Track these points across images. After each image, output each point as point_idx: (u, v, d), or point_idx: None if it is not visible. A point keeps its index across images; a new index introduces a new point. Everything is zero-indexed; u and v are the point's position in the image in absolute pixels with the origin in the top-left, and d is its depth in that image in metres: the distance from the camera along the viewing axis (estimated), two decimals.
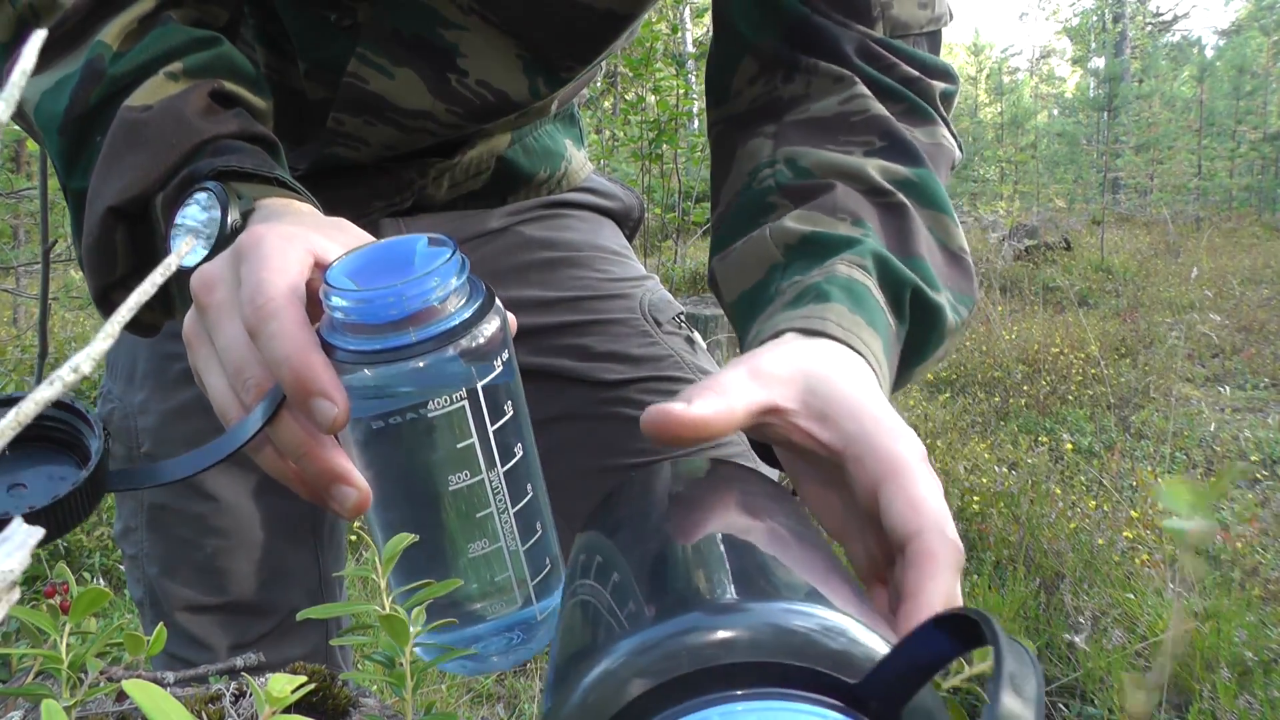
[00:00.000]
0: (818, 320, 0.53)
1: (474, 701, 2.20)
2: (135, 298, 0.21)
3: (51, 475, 0.43)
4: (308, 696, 0.57)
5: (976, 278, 0.66)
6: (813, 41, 0.71)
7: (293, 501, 0.92)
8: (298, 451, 0.44)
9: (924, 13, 0.73)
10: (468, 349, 0.42)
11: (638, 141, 4.47)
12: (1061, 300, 7.28)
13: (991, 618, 0.21)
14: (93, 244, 0.57)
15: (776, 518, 0.35)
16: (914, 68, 0.71)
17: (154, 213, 0.56)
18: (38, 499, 0.41)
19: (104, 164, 0.56)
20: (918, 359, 0.61)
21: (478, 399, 0.42)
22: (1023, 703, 0.20)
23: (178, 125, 0.56)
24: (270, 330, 0.42)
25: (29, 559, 0.22)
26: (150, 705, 0.30)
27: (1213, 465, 3.80)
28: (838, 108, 0.69)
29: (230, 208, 0.51)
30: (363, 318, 0.41)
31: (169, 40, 0.59)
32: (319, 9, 0.74)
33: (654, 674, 0.22)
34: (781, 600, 0.24)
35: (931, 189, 0.65)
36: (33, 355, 3.83)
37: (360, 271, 0.43)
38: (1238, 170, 16.72)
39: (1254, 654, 2.07)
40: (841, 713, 0.21)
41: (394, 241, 0.44)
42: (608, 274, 0.94)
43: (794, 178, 0.66)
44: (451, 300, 0.42)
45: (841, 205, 0.62)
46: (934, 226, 0.64)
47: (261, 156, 0.56)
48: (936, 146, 0.69)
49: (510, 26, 0.76)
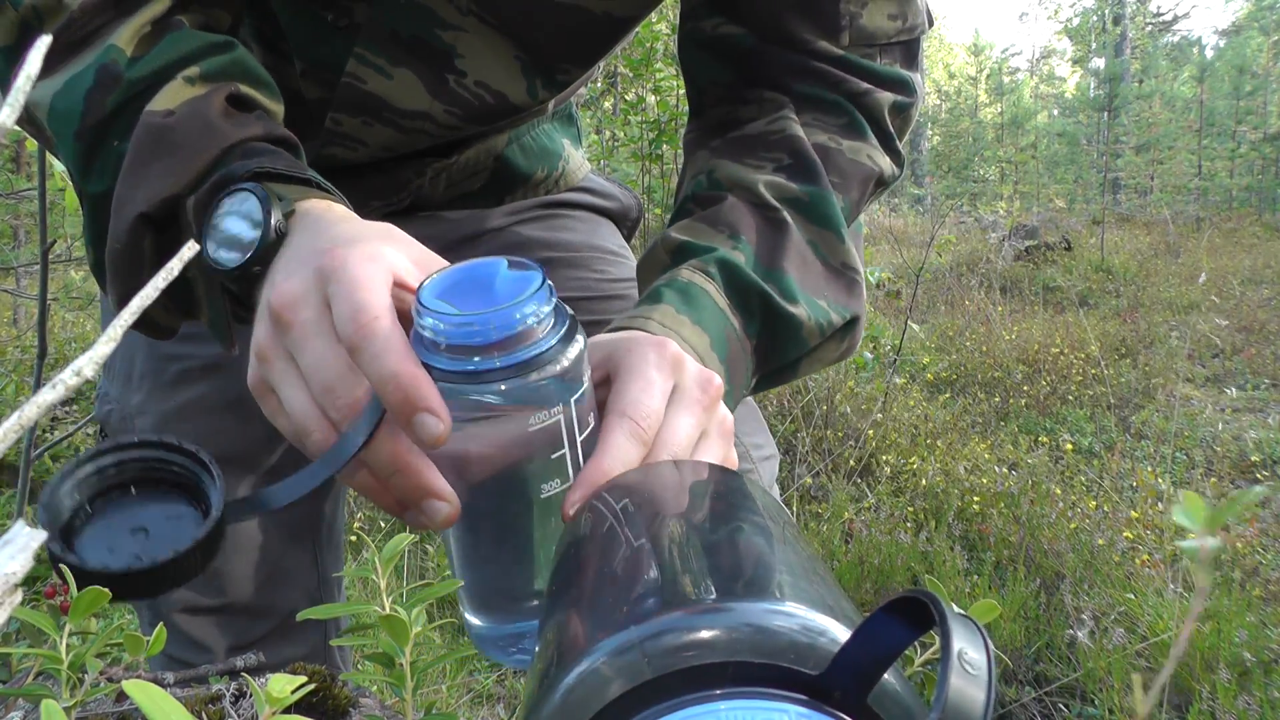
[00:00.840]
0: (641, 319, 0.61)
1: (474, 702, 2.20)
2: (137, 302, 0.21)
3: (169, 515, 0.44)
4: (308, 697, 0.57)
5: (864, 293, 0.73)
6: (758, 74, 0.77)
7: (293, 501, 0.92)
8: (392, 467, 0.45)
9: (894, 23, 0.75)
10: (562, 369, 0.44)
11: (638, 142, 4.46)
12: (1062, 300, 7.28)
13: (939, 597, 0.21)
14: (120, 249, 0.57)
15: (752, 516, 0.35)
16: (865, 81, 0.76)
17: (184, 217, 0.56)
18: (160, 544, 0.41)
19: (130, 171, 0.56)
20: (779, 357, 0.68)
21: (570, 413, 0.46)
22: (973, 681, 0.20)
23: (204, 130, 0.56)
24: (375, 349, 0.43)
25: (31, 562, 0.22)
26: (150, 705, 0.30)
27: (1213, 465, 3.80)
28: (763, 127, 0.75)
29: (273, 209, 0.51)
30: (465, 340, 0.43)
31: (185, 45, 0.59)
32: (315, 8, 0.74)
33: (630, 675, 0.22)
34: (751, 599, 0.24)
35: (821, 208, 0.71)
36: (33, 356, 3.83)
37: (450, 293, 0.45)
38: (1238, 170, 16.72)
39: (1254, 654, 2.07)
40: (806, 706, 0.22)
41: (478, 264, 0.46)
42: (605, 274, 0.94)
43: (707, 188, 0.73)
44: (545, 324, 0.44)
45: (725, 218, 0.69)
46: (818, 242, 0.71)
47: (289, 159, 0.57)
48: (855, 164, 0.75)
49: (508, 28, 0.76)
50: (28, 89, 0.23)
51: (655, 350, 0.51)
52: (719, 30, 0.77)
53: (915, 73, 0.79)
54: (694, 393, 0.50)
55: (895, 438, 3.72)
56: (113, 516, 0.42)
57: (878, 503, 3.20)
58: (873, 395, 4.05)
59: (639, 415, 0.47)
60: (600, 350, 0.53)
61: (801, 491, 3.34)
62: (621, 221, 1.04)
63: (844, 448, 3.63)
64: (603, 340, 0.54)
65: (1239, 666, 2.05)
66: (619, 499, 0.39)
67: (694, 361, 0.52)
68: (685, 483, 0.41)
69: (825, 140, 0.75)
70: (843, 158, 0.74)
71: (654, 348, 0.51)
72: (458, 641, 2.42)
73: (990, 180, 19.55)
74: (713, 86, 0.81)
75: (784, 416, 3.80)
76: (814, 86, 0.76)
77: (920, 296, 6.99)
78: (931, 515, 3.06)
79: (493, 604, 0.50)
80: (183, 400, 0.86)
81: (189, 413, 0.86)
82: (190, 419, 0.86)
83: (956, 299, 7.26)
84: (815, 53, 0.75)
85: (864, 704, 0.22)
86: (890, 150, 0.78)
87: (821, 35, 0.74)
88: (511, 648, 0.50)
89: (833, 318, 0.70)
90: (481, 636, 0.51)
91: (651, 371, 0.49)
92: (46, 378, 2.06)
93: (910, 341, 5.34)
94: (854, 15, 0.74)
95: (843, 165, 0.74)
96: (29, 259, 4.55)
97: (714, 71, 0.80)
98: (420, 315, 0.43)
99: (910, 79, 0.78)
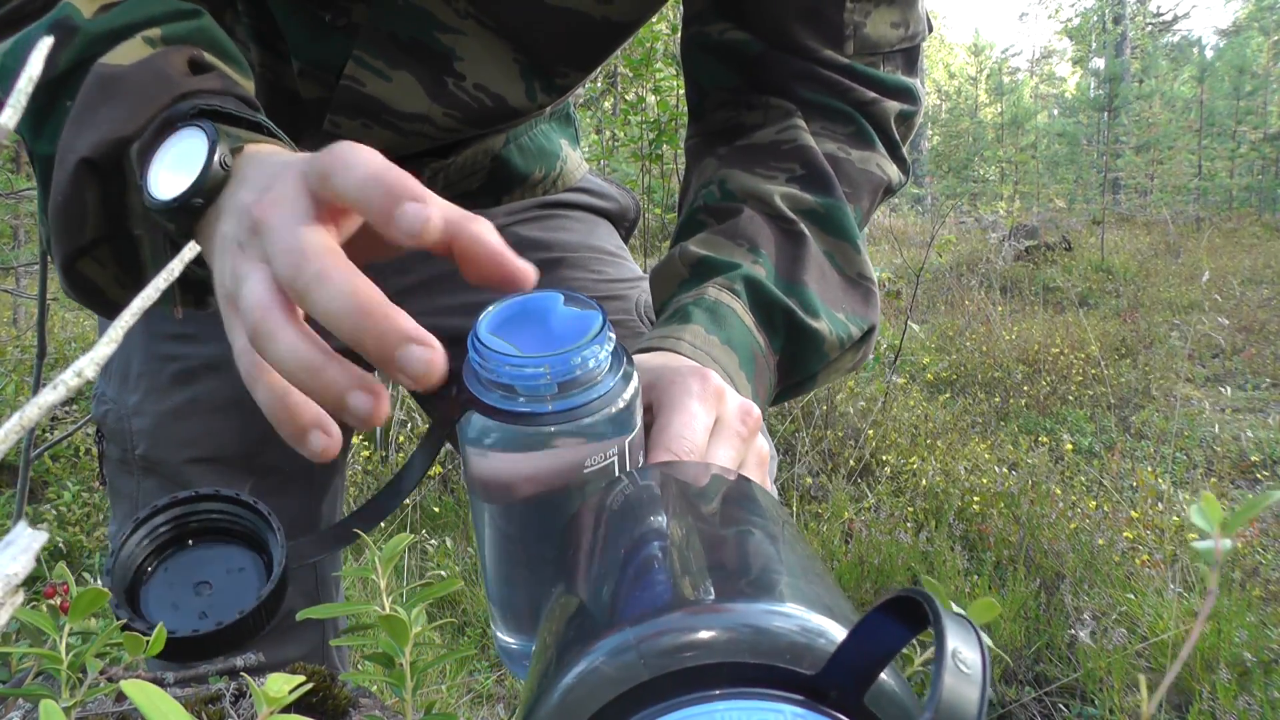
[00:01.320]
0: (673, 340, 0.61)
1: (474, 702, 2.20)
2: (139, 303, 0.21)
3: (230, 567, 0.44)
4: (307, 697, 0.57)
5: (879, 301, 0.74)
6: (764, 80, 0.77)
7: (289, 501, 0.92)
8: (355, 308, 0.38)
9: (897, 31, 0.76)
10: (619, 411, 0.44)
11: (638, 142, 4.46)
12: (1062, 300, 7.27)
13: (934, 596, 0.21)
14: (62, 203, 0.53)
15: (751, 517, 0.35)
16: (872, 90, 0.76)
17: (128, 164, 0.52)
18: (225, 600, 0.41)
19: (76, 119, 0.52)
20: (800, 371, 0.69)
21: (625, 451, 0.46)
22: (967, 680, 0.20)
23: (157, 79, 0.52)
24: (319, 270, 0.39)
25: (33, 563, 0.22)
26: (149, 706, 0.30)
27: (1213, 465, 3.80)
28: (774, 136, 0.75)
29: (220, 142, 0.48)
30: (523, 383, 0.42)
31: (149, 8, 0.56)
32: (313, 7, 0.74)
33: (627, 676, 0.22)
34: (748, 600, 0.24)
35: (837, 219, 0.72)
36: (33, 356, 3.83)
37: (506, 328, 0.44)
38: (1238, 170, 16.71)
39: (1254, 654, 2.07)
40: (802, 706, 0.22)
41: (533, 298, 0.45)
42: (603, 275, 0.94)
43: (720, 199, 0.73)
44: (603, 367, 0.44)
45: (743, 230, 0.69)
46: (835, 253, 0.71)
47: (239, 104, 0.53)
48: (865, 173, 0.75)
49: (506, 31, 0.76)
50: (29, 90, 0.23)
51: (699, 383, 0.51)
52: (726, 35, 0.77)
53: (916, 79, 0.79)
54: (734, 425, 0.51)
55: (895, 438, 3.72)
56: (175, 573, 0.42)
57: (878, 503, 3.20)
58: (873, 395, 4.05)
59: (683, 451, 0.47)
60: (643, 376, 0.53)
61: (801, 491, 3.34)
62: (619, 222, 1.04)
63: (844, 448, 3.63)
64: (644, 366, 0.54)
65: (1239, 666, 2.06)
66: (618, 502, 0.39)
67: (734, 393, 0.53)
68: (686, 484, 0.41)
69: (835, 150, 0.75)
70: (853, 167, 0.75)
71: (697, 380, 0.51)
72: (458, 641, 2.42)
73: (990, 180, 19.55)
74: (716, 90, 0.81)
75: (784, 416, 3.80)
76: (821, 94, 0.76)
77: (920, 296, 6.99)
78: (931, 515, 3.06)
79: (525, 625, 0.50)
80: (180, 400, 0.86)
81: (186, 412, 0.86)
82: (187, 419, 0.86)
83: (956, 299, 7.26)
84: (822, 60, 0.75)
85: (861, 704, 0.22)
86: (897, 158, 0.79)
87: (826, 44, 0.75)
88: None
89: (852, 330, 0.70)
90: (510, 653, 0.51)
91: (694, 405, 0.50)
92: (46, 378, 2.06)
93: (910, 341, 5.34)
94: (858, 25, 0.74)
95: (853, 175, 0.75)
96: (29, 259, 4.55)
97: (719, 75, 0.80)
98: (476, 351, 0.42)
99: (914, 87, 0.78)
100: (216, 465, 0.87)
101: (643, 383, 0.52)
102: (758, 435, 0.53)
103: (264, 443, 0.88)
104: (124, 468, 0.88)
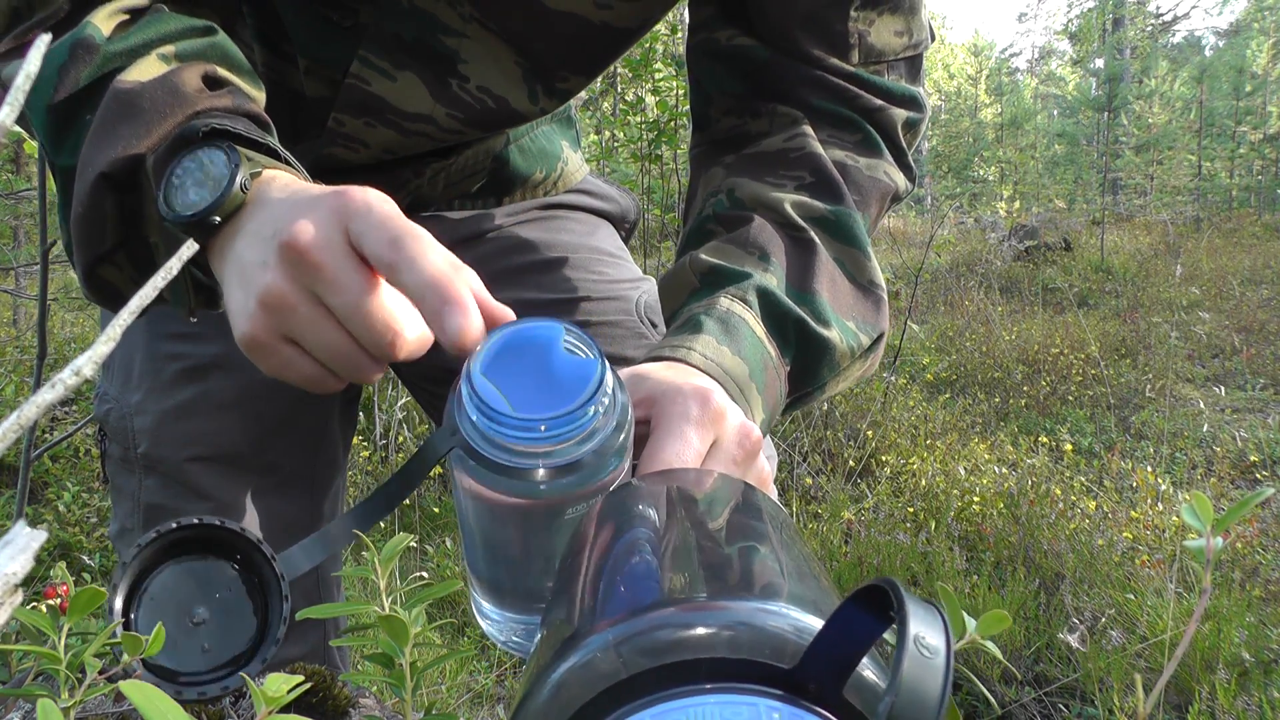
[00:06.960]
0: (684, 350, 0.61)
1: (474, 702, 2.20)
2: (136, 302, 0.21)
3: (222, 597, 0.44)
4: (307, 697, 0.57)
5: (888, 307, 0.74)
6: (770, 88, 0.77)
7: (289, 501, 0.92)
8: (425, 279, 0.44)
9: (901, 40, 0.76)
10: (611, 455, 0.44)
11: (637, 142, 4.46)
12: (1061, 301, 7.28)
13: (898, 583, 0.21)
14: (82, 213, 0.56)
15: (741, 514, 0.35)
16: (878, 97, 0.76)
17: (144, 177, 0.55)
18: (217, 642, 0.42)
19: (95, 135, 0.55)
20: (811, 380, 0.69)
21: (608, 483, 0.46)
22: (927, 665, 0.20)
23: (172, 96, 0.55)
24: (415, 251, 0.45)
25: (32, 562, 0.22)
26: (147, 706, 0.30)
27: (1213, 465, 3.80)
28: (781, 144, 0.75)
29: (241, 165, 0.51)
30: (516, 441, 0.42)
31: (164, 25, 0.59)
32: (320, 7, 0.75)
33: (608, 673, 0.23)
34: (729, 597, 0.25)
35: (847, 226, 0.72)
36: (32, 356, 3.83)
37: (501, 364, 0.43)
38: (1237, 171, 16.72)
39: (1253, 654, 2.07)
40: (779, 700, 0.22)
41: (532, 330, 0.44)
42: (603, 276, 0.94)
43: (729, 207, 0.73)
44: (599, 423, 0.43)
45: (754, 239, 0.69)
46: (845, 260, 0.72)
47: (251, 125, 0.56)
48: (873, 181, 0.75)
49: (508, 35, 0.76)
50: (27, 88, 0.23)
51: (698, 406, 0.51)
52: (733, 42, 0.77)
53: (920, 87, 0.79)
54: (732, 449, 0.51)
55: (895, 438, 3.72)
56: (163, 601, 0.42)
57: (877, 503, 3.20)
58: (872, 395, 4.06)
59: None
60: (643, 388, 0.53)
61: (801, 491, 3.34)
62: (620, 223, 1.04)
63: (844, 448, 3.63)
64: (648, 377, 0.54)
65: (1239, 666, 2.05)
66: (610, 504, 0.39)
67: (736, 413, 0.53)
68: (679, 484, 0.41)
69: (843, 157, 0.75)
70: (861, 175, 0.75)
71: (697, 403, 0.51)
72: (458, 641, 2.42)
73: (990, 181, 19.54)
74: (722, 97, 0.80)
75: (784, 416, 3.79)
76: (829, 101, 0.76)
77: (920, 297, 7.00)
78: (931, 515, 3.06)
79: (505, 600, 0.51)
80: (181, 399, 0.86)
81: (188, 411, 0.86)
82: (189, 417, 0.86)
83: (956, 299, 7.26)
84: (829, 68, 0.75)
85: (839, 696, 0.22)
86: (903, 165, 0.79)
87: (831, 52, 0.75)
88: (514, 635, 0.51)
89: (862, 339, 0.70)
90: (484, 614, 0.52)
91: (690, 431, 0.50)
92: (46, 378, 2.06)
93: (910, 342, 5.34)
94: (863, 34, 0.74)
95: (861, 182, 0.75)
96: (29, 259, 4.56)
97: (725, 82, 0.80)
98: (470, 399, 0.42)
99: (919, 94, 0.79)
100: (218, 464, 0.87)
101: (642, 392, 0.53)
102: (758, 456, 0.53)
103: (266, 442, 0.88)
104: (126, 466, 0.88)
